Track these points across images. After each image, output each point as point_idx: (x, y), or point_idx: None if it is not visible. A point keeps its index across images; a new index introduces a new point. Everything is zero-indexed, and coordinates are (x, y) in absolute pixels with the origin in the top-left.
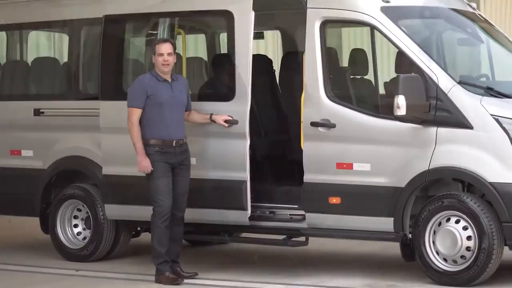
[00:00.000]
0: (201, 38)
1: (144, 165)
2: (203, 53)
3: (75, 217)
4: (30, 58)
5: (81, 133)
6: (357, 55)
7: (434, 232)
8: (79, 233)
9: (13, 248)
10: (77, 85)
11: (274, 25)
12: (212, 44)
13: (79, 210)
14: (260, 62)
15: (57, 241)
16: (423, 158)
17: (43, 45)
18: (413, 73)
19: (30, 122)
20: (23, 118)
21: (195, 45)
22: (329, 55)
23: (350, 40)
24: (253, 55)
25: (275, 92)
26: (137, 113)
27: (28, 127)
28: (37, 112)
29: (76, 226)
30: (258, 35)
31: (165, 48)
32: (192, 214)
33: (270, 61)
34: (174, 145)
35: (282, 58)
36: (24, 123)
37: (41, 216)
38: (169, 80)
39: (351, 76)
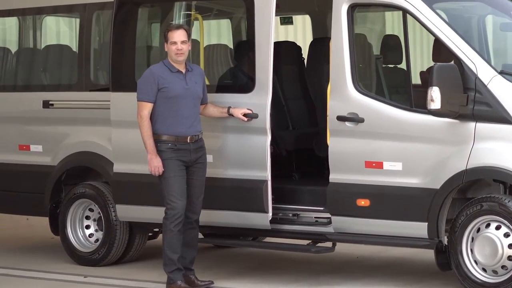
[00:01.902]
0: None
1: (155, 165)
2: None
3: (87, 217)
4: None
5: (92, 127)
6: (390, 42)
7: (472, 239)
8: (91, 235)
9: (23, 249)
10: (88, 75)
11: (304, 9)
12: (238, 30)
13: (91, 210)
14: (288, 50)
15: (67, 244)
16: (460, 157)
17: (58, 32)
18: (449, 62)
19: (39, 115)
20: (32, 111)
21: (227, 31)
22: (358, 43)
23: (388, 26)
24: (281, 42)
25: (304, 82)
26: (147, 107)
27: (37, 120)
28: (46, 104)
29: (88, 227)
30: (287, 20)
31: (179, 35)
32: (208, 217)
33: (299, 48)
34: (188, 141)
35: (310, 44)
36: (33, 116)
37: (51, 216)
38: (183, 70)
39: (383, 65)
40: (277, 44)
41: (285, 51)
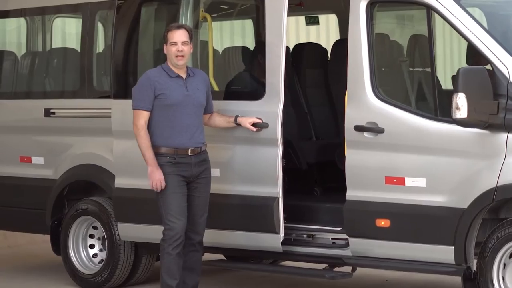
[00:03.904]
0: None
1: (157, 179)
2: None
3: (91, 236)
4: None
5: (95, 138)
6: (418, 43)
7: (504, 265)
8: (95, 255)
9: (28, 268)
10: (90, 81)
11: (330, 8)
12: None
13: (95, 228)
14: (313, 52)
15: (69, 264)
16: (490, 172)
17: (66, 34)
18: (477, 65)
19: (40, 124)
20: (33, 119)
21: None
22: (379, 44)
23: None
24: (305, 44)
25: (330, 88)
26: (143, 116)
27: (39, 130)
28: (48, 113)
29: (92, 246)
30: (313, 20)
31: (179, 35)
32: (213, 237)
33: (325, 51)
34: (189, 153)
35: (333, 46)
36: (34, 125)
37: (52, 234)
38: (184, 75)
39: (409, 69)
40: (300, 46)
41: (308, 54)
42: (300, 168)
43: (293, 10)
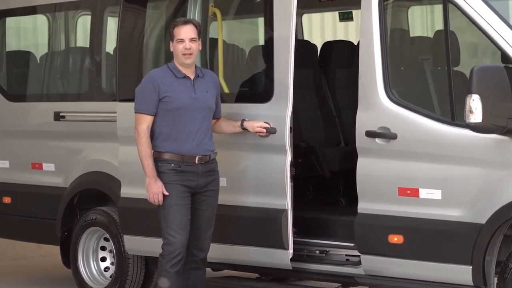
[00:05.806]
0: None
1: (154, 191)
2: None
3: (103, 248)
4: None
5: (104, 144)
6: (436, 39)
7: None
8: (106, 269)
9: (40, 281)
10: (99, 83)
11: None
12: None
13: (106, 239)
14: (344, 50)
15: (78, 278)
16: (510, 183)
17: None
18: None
19: (50, 129)
20: (44, 124)
21: None
22: (395, 41)
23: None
24: (335, 42)
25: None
26: (146, 120)
27: (49, 135)
28: (57, 116)
29: (103, 259)
30: (346, 16)
31: (187, 31)
32: (219, 252)
33: (356, 49)
34: (196, 162)
35: (358, 43)
36: (44, 129)
37: (62, 245)
38: (191, 76)
39: (426, 69)
40: (329, 44)
41: (338, 52)
42: (324, 176)
43: (324, 5)
